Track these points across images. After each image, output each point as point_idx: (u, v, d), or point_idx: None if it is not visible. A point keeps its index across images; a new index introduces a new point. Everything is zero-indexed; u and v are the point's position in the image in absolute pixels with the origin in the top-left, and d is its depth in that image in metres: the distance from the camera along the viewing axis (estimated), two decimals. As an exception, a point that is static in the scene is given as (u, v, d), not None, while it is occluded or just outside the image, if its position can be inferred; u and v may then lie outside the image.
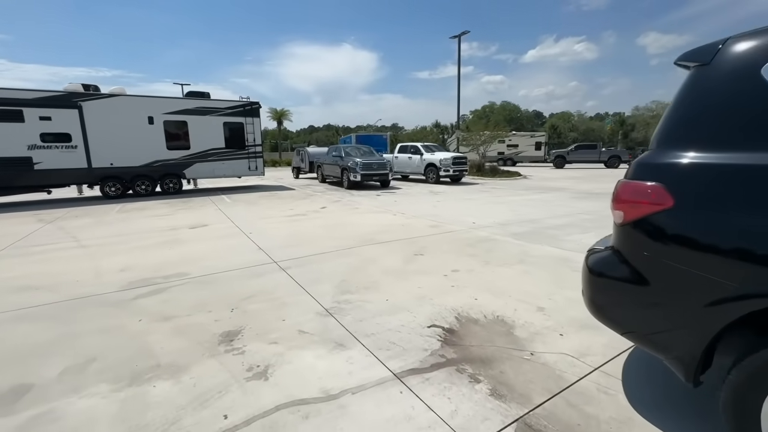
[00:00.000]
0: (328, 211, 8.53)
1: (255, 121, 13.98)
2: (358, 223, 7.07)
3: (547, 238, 5.51)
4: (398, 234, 5.94)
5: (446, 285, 3.59)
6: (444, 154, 15.67)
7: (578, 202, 9.65)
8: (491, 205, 9.31)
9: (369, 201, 10.27)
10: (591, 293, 1.80)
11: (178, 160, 12.80)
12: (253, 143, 14.01)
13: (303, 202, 10.21)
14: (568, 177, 19.76)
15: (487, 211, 8.33)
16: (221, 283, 3.83)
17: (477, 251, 4.81)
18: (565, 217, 7.39)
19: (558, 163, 27.82)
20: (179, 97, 12.93)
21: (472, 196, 11.35)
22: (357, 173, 13.26)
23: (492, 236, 5.68)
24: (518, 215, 7.64)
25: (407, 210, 8.50)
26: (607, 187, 13.16)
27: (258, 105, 14.04)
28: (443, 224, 6.74)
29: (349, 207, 9.18)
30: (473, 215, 7.71)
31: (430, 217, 7.55)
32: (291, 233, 6.21)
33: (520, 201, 9.96)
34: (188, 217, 8.05)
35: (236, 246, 5.40)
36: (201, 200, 11.15)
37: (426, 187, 14.22)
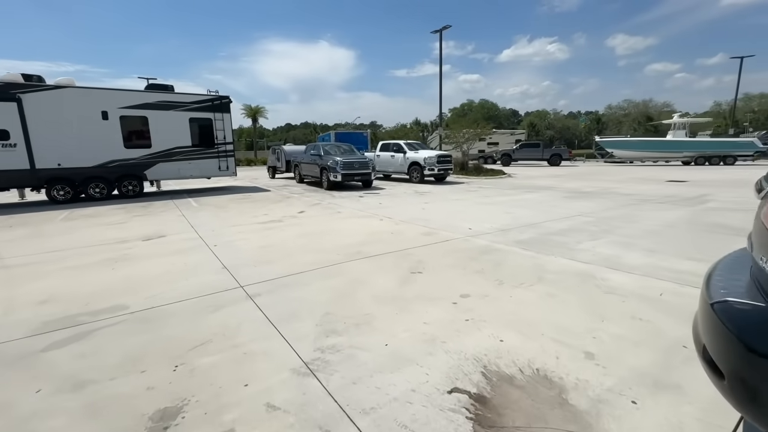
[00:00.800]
0: (306, 217, 7.66)
1: (225, 116, 12.85)
2: (341, 230, 6.26)
3: (556, 247, 4.89)
4: (388, 244, 5.18)
5: (458, 318, 2.86)
6: (428, 153, 15.03)
7: (571, 202, 9.19)
8: (483, 206, 8.70)
9: (352, 204, 9.46)
10: (749, 379, 1.09)
11: (137, 159, 11.54)
12: (224, 141, 12.88)
13: (279, 206, 9.28)
14: (552, 175, 19.57)
15: (480, 213, 7.70)
16: (168, 321, 2.95)
17: (484, 266, 4.11)
18: (565, 219, 6.83)
19: (504, 161, 28.35)
20: (138, 90, 11.65)
21: (460, 196, 10.73)
22: (337, 173, 12.40)
23: (495, 245, 5.01)
24: (515, 218, 7.03)
25: (394, 214, 7.75)
26: (594, 185, 12.89)
27: (228, 99, 12.92)
28: (437, 231, 6.03)
29: (331, 211, 8.34)
30: (467, 219, 7.04)
31: (421, 222, 6.83)
32: (264, 245, 5.33)
33: (512, 202, 9.41)
34: (144, 226, 7.00)
35: (196, 264, 4.49)
36: (163, 204, 10.01)
37: (410, 187, 13.52)
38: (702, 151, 26.17)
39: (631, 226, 6.18)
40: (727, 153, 25.89)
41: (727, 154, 25.86)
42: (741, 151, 26.02)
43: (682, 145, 26.85)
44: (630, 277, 3.66)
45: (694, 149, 26.41)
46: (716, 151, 25.99)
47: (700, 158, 26.25)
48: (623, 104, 64.24)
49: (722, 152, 25.93)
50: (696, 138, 28.08)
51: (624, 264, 4.09)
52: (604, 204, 8.66)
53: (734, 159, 25.94)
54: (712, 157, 25.93)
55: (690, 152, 26.47)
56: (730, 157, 25.83)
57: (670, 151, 27.03)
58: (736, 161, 26.13)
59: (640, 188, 12.23)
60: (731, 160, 25.86)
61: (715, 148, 26.10)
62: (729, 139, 27.90)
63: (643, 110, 63.04)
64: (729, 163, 25.83)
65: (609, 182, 14.60)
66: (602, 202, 9.08)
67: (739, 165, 25.44)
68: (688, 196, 9.90)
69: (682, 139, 27.22)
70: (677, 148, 26.85)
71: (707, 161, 26.06)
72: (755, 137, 27.59)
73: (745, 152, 26.03)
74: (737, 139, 27.54)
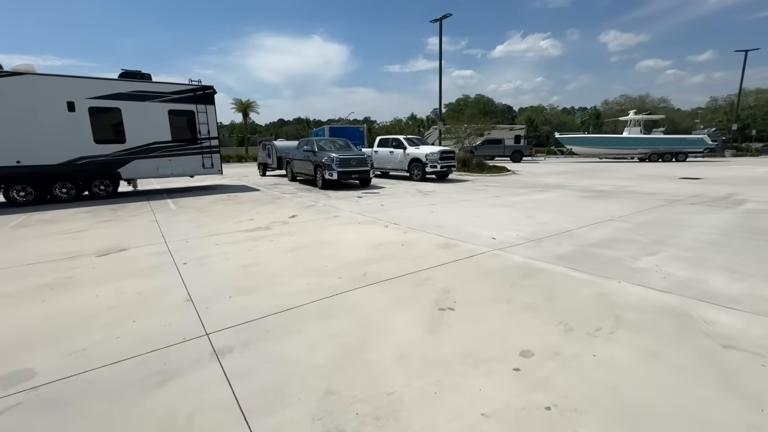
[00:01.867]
0: (299, 222, 6.62)
1: (209, 109, 11.68)
2: (340, 242, 5.24)
3: (610, 265, 3.92)
4: (401, 262, 4.18)
5: (534, 403, 1.86)
6: (430, 149, 14.01)
7: (592, 202, 8.26)
8: (498, 208, 7.73)
9: (350, 205, 8.43)
10: None
11: (109, 156, 10.34)
12: (207, 135, 11.71)
13: (267, 209, 8.22)
14: (556, 172, 18.72)
15: (498, 217, 6.73)
16: (88, 402, 1.92)
17: (532, 297, 3.13)
18: (599, 226, 5.89)
19: None
20: (109, 78, 10.43)
21: (468, 196, 9.76)
22: (333, 170, 11.34)
23: (533, 263, 4.03)
24: (541, 224, 6.07)
25: (400, 218, 6.74)
26: (606, 183, 11.97)
27: (212, 90, 11.74)
28: (455, 241, 5.04)
29: (327, 215, 7.30)
30: (486, 225, 6.07)
31: (433, 229, 5.83)
32: (245, 264, 4.29)
33: (527, 203, 8.45)
34: (106, 236, 5.90)
35: (154, 293, 3.44)
36: (137, 207, 8.88)
37: (412, 186, 12.51)
38: (655, 148, 26.37)
39: (682, 234, 5.25)
40: (679, 150, 26.20)
41: (679, 151, 26.17)
42: (692, 148, 26.37)
43: (637, 141, 27.11)
44: (740, 318, 2.70)
45: (648, 146, 26.58)
46: (669, 147, 26.26)
47: (653, 155, 26.48)
48: (620, 99, 63.79)
49: (675, 149, 26.19)
50: (650, 135, 28.35)
51: (716, 294, 3.14)
52: (630, 205, 7.74)
53: (685, 156, 26.27)
54: (665, 153, 26.15)
55: (644, 149, 26.72)
56: (682, 154, 26.17)
57: (626, 148, 27.35)
58: (687, 158, 26.45)
59: (657, 186, 11.38)
60: (683, 156, 26.19)
61: (668, 145, 26.36)
62: (680, 136, 28.34)
63: (639, 105, 62.64)
64: (681, 159, 26.09)
65: (618, 179, 13.74)
66: (627, 203, 8.17)
67: (690, 161, 25.66)
68: (717, 196, 9.04)
69: (638, 136, 27.56)
70: (632, 145, 27.14)
71: (660, 158, 26.29)
72: (705, 134, 27.98)
73: (695, 149, 26.41)
74: (688, 136, 27.91)
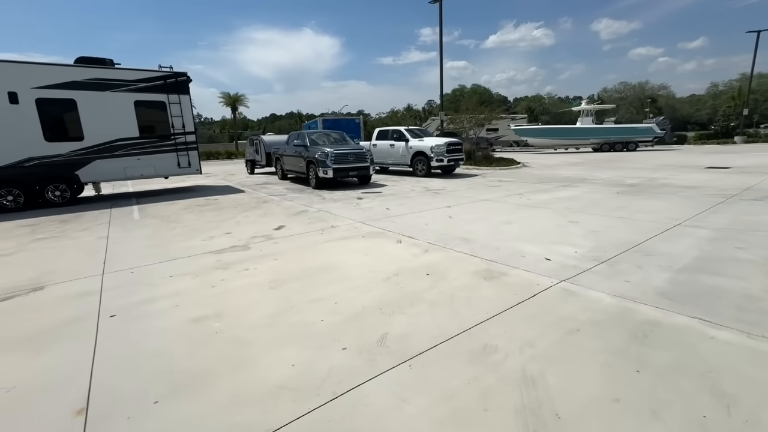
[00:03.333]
0: (286, 237, 5.21)
1: (183, 99, 10.14)
2: (340, 270, 3.85)
3: (751, 309, 2.59)
4: (433, 310, 2.81)
5: None
6: (435, 141, 12.59)
7: (635, 200, 6.94)
8: (527, 211, 6.38)
9: (350, 210, 7.03)
10: None
11: (65, 157, 8.81)
12: (182, 130, 10.19)
13: (250, 217, 6.80)
14: (566, 163, 17.42)
15: (535, 224, 5.37)
16: None
17: (686, 395, 1.78)
18: (672, 235, 4.56)
19: None
20: (62, 64, 8.85)
21: (485, 195, 8.39)
22: (328, 168, 9.91)
23: (633, 306, 2.69)
24: (594, 233, 4.74)
25: (414, 227, 5.37)
26: (630, 175, 10.64)
27: (186, 77, 10.18)
28: (499, 266, 3.69)
29: (321, 225, 5.90)
30: (525, 235, 4.72)
31: (461, 244, 4.47)
32: (200, 317, 2.90)
33: (557, 202, 7.11)
34: (30, 263, 4.47)
35: (32, 391, 2.05)
36: (94, 217, 7.41)
37: (417, 183, 11.12)
38: (607, 138, 26.38)
39: (798, 248, 3.94)
40: (629, 139, 26.34)
41: (629, 140, 26.32)
42: (641, 137, 26.53)
43: (590, 132, 27.08)
44: None
45: (600, 136, 26.57)
46: (620, 137, 26.39)
47: (605, 144, 26.50)
48: (619, 87, 62.53)
49: (625, 138, 26.31)
50: (602, 125, 28.29)
51: None
52: (683, 204, 6.42)
53: (636, 145, 26.44)
54: (616, 143, 26.24)
55: (596, 139, 26.72)
56: (632, 143, 26.33)
57: (579, 138, 27.28)
58: (638, 147, 26.63)
59: (691, 178, 10.09)
60: (633, 146, 26.36)
61: (619, 135, 26.47)
62: (630, 125, 28.50)
63: (639, 92, 61.45)
64: (631, 149, 26.25)
65: (641, 170, 12.45)
66: (676, 200, 6.85)
67: (641, 150, 25.75)
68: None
69: (590, 126, 27.62)
70: (585, 135, 27.11)
71: (612, 147, 26.35)
72: (653, 123, 28.09)
73: (645, 138, 26.56)
74: (638, 126, 28.06)
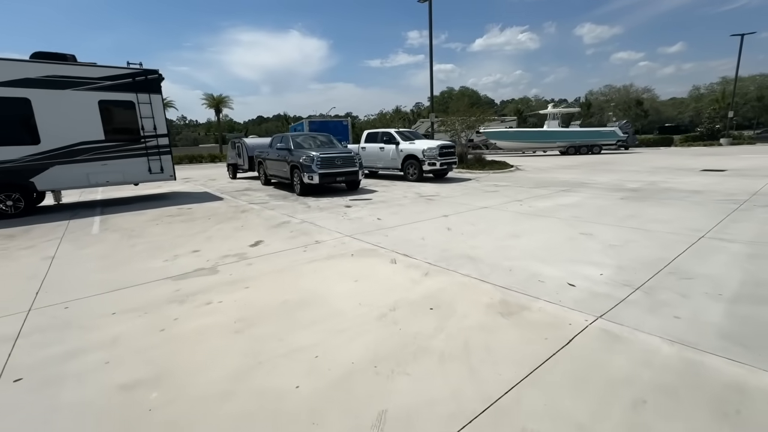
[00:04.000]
0: (262, 257, 4.49)
1: (154, 99, 9.30)
2: (322, 302, 3.16)
3: None
4: (444, 368, 2.16)
5: None
6: (427, 143, 12.00)
7: (645, 207, 6.43)
8: (532, 221, 5.79)
9: (336, 222, 6.34)
10: None
11: (18, 162, 7.89)
12: (153, 132, 9.34)
13: (224, 231, 6.04)
14: (558, 166, 17.07)
15: (544, 237, 4.78)
16: None
17: None
18: (702, 251, 4.02)
19: None
20: (14, 59, 7.95)
21: (483, 201, 7.80)
22: (313, 173, 9.19)
23: (700, 360, 2.09)
24: (614, 249, 4.16)
25: (410, 242, 4.71)
26: (628, 179, 10.21)
27: (157, 75, 9.34)
28: (515, 295, 3.06)
29: (304, 240, 5.20)
30: (538, 252, 4.11)
31: (466, 264, 3.83)
32: (134, 381, 2.18)
33: (562, 209, 6.56)
34: (-57, 295, 3.65)
35: None
36: (47, 231, 6.54)
37: (409, 188, 10.49)
38: (572, 141, 26.59)
39: None
40: (593, 142, 26.66)
41: (593, 143, 26.65)
42: (605, 140, 26.94)
43: (556, 135, 27.20)
44: None
45: (566, 139, 26.74)
46: (585, 140, 26.66)
47: (571, 147, 26.73)
48: (605, 90, 63.32)
49: (590, 141, 26.62)
50: (568, 128, 28.52)
51: None
52: (697, 211, 5.92)
53: (600, 148, 26.84)
54: (581, 146, 26.48)
55: (563, 142, 26.86)
56: (597, 146, 26.70)
57: (545, 141, 27.34)
58: (602, 150, 27.04)
59: (692, 181, 9.72)
60: (597, 149, 26.72)
61: (584, 138, 26.77)
62: (594, 129, 28.95)
63: (624, 95, 62.33)
64: (596, 152, 26.57)
65: (637, 174, 12.08)
66: (687, 206, 6.37)
67: (605, 153, 26.24)
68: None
69: (556, 129, 27.73)
70: (552, 138, 27.21)
71: (577, 150, 26.58)
72: (616, 126, 28.59)
73: (608, 141, 27.00)
74: (602, 129, 28.51)
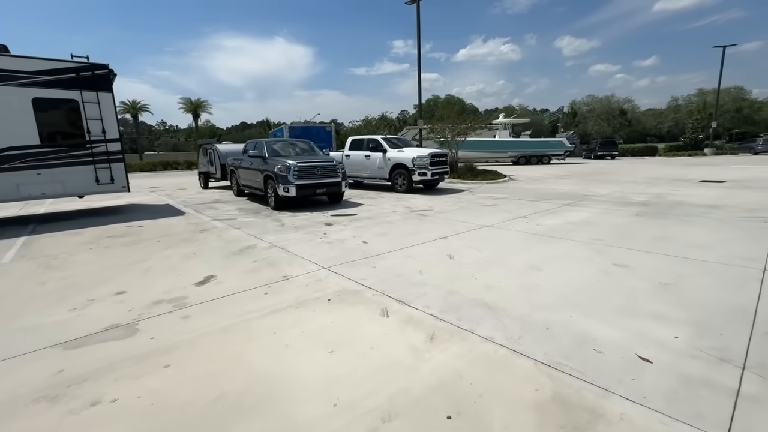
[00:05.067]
0: (206, 304, 3.33)
1: (103, 98, 8.02)
2: (278, 399, 2.03)
3: None
4: None
5: None
6: (417, 152, 11.03)
7: (666, 226, 5.55)
8: (549, 246, 4.81)
9: (313, 246, 5.21)
10: None
11: (-76, 170, 6.52)
12: (102, 136, 8.04)
13: (170, 259, 4.83)
14: (553, 176, 16.41)
15: (572, 273, 3.78)
16: None
17: None
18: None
19: None
20: None
21: (481, 218, 6.81)
22: (289, 184, 8.05)
23: None
24: (674, 292, 3.20)
25: (404, 279, 3.63)
26: (628, 191, 9.44)
27: (107, 69, 8.07)
28: (569, 380, 2.01)
29: (267, 277, 4.05)
30: (572, 297, 3.09)
31: (484, 317, 2.78)
32: None
33: (577, 229, 5.62)
34: None
35: None
36: (-54, 258, 5.18)
37: (398, 200, 9.46)
38: (523, 151, 26.82)
39: None
40: (543, 152, 26.93)
41: (543, 154, 26.93)
42: (554, 151, 27.22)
43: (507, 145, 27.35)
44: None
45: (517, 149, 26.99)
46: (535, 150, 26.93)
47: (521, 158, 26.99)
48: (587, 100, 64.35)
49: (539, 152, 26.89)
50: (519, 139, 28.65)
51: None
52: (737, 234, 5.08)
53: (549, 158, 27.15)
54: (531, 156, 26.76)
55: (514, 152, 27.10)
56: (546, 157, 26.99)
57: (498, 151, 27.41)
58: (551, 160, 27.36)
59: (700, 194, 9.02)
60: (546, 159, 27.04)
61: (534, 148, 27.06)
62: (543, 139, 29.19)
63: (606, 105, 63.40)
64: (545, 162, 26.91)
65: (634, 184, 11.40)
66: (720, 227, 5.52)
67: (553, 164, 26.56)
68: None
69: (507, 140, 27.81)
70: (503, 149, 27.34)
71: (527, 161, 26.86)
72: (564, 137, 28.89)
73: (557, 151, 27.25)
74: (550, 140, 28.87)
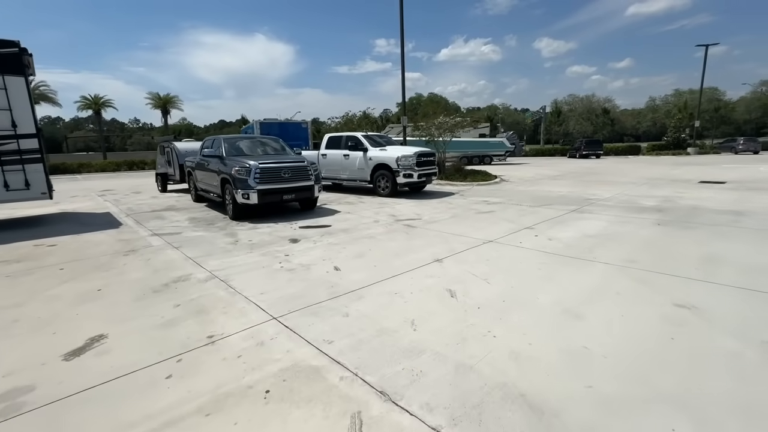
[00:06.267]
0: (56, 404, 1.96)
1: (13, 83, 6.41)
2: None
3: None
4: None
5: None
6: (402, 150, 9.80)
7: (702, 239, 4.51)
8: (570, 270, 3.65)
9: (266, 278, 3.88)
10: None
11: None
12: (12, 131, 6.45)
13: (53, 306, 3.42)
14: (545, 176, 15.54)
15: (627, 319, 2.61)
16: None
17: None
18: None
19: None
20: None
21: (480, 230, 5.63)
22: (250, 189, 6.67)
23: None
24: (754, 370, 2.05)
25: (388, 339, 2.37)
26: (631, 193, 8.47)
27: (17, 48, 6.47)
28: None
29: (184, 338, 2.71)
30: (650, 375, 1.89)
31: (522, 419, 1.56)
32: None
33: (596, 245, 4.51)
34: None
35: None
36: None
37: (381, 206, 8.22)
38: (465, 151, 26.68)
39: None
40: (484, 153, 27.10)
41: (485, 154, 26.76)
42: (495, 151, 27.19)
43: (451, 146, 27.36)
44: None
45: (460, 149, 26.76)
46: (476, 151, 26.99)
47: (464, 158, 26.82)
48: (569, 99, 64.79)
49: (481, 152, 26.99)
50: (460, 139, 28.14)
51: None
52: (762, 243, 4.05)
53: (491, 159, 26.95)
54: (474, 156, 26.74)
55: (456, 153, 26.85)
56: (488, 157, 26.80)
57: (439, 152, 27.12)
58: (492, 161, 27.02)
59: (713, 197, 8.17)
60: (488, 159, 26.79)
61: (476, 149, 27.16)
62: (484, 140, 29.24)
63: (586, 104, 63.99)
64: (487, 162, 26.90)
65: (633, 186, 10.53)
66: (741, 235, 4.50)
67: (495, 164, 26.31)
68: None
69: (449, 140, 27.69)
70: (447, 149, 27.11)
71: (470, 161, 26.59)
72: (504, 137, 29.15)
73: (498, 152, 27.24)
74: (491, 140, 29.08)
